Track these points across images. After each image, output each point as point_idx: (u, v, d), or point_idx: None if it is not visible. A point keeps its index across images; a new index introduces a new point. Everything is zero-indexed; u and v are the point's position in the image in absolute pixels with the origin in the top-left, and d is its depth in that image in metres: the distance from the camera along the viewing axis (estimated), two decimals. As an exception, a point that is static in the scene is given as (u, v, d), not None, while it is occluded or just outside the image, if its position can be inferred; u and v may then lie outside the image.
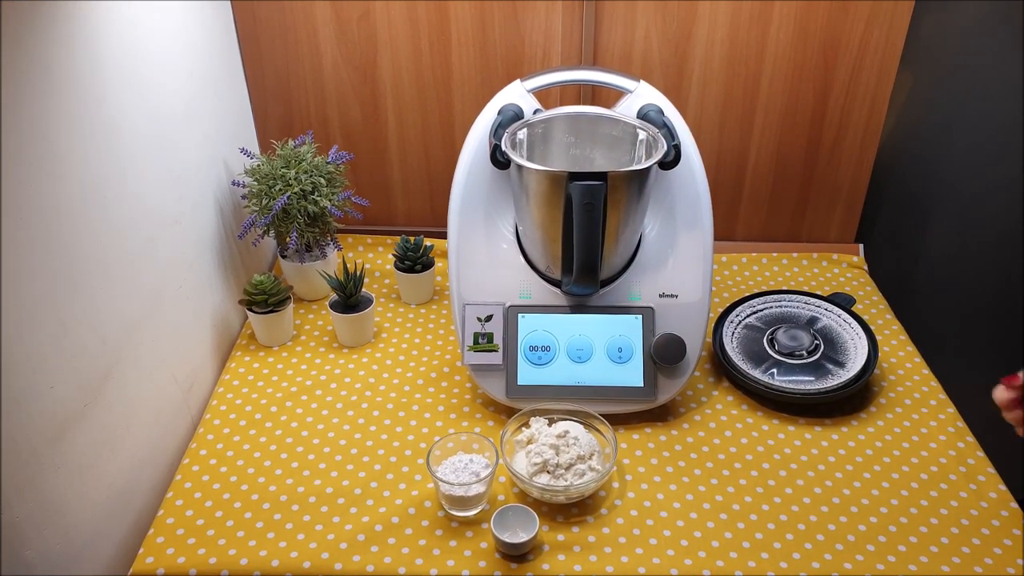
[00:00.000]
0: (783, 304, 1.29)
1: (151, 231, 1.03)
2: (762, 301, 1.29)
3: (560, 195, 1.01)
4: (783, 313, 1.28)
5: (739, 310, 1.28)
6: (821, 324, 1.24)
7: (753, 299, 1.30)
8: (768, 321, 1.26)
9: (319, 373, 1.21)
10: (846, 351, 1.19)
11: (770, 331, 1.22)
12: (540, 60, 1.37)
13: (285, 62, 1.39)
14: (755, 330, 1.25)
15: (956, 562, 0.92)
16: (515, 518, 0.95)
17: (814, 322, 1.25)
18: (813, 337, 1.20)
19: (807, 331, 1.21)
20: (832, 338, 1.22)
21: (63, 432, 0.85)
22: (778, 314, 1.28)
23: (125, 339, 0.96)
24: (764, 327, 1.25)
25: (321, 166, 1.29)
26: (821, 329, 1.23)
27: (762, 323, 1.26)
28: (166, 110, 1.07)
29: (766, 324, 1.25)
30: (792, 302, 1.29)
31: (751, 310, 1.29)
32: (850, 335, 1.22)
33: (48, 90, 0.81)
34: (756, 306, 1.29)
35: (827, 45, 1.34)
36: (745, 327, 1.26)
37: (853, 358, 1.18)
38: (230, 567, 0.92)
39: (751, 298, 1.30)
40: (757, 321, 1.27)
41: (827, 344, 1.20)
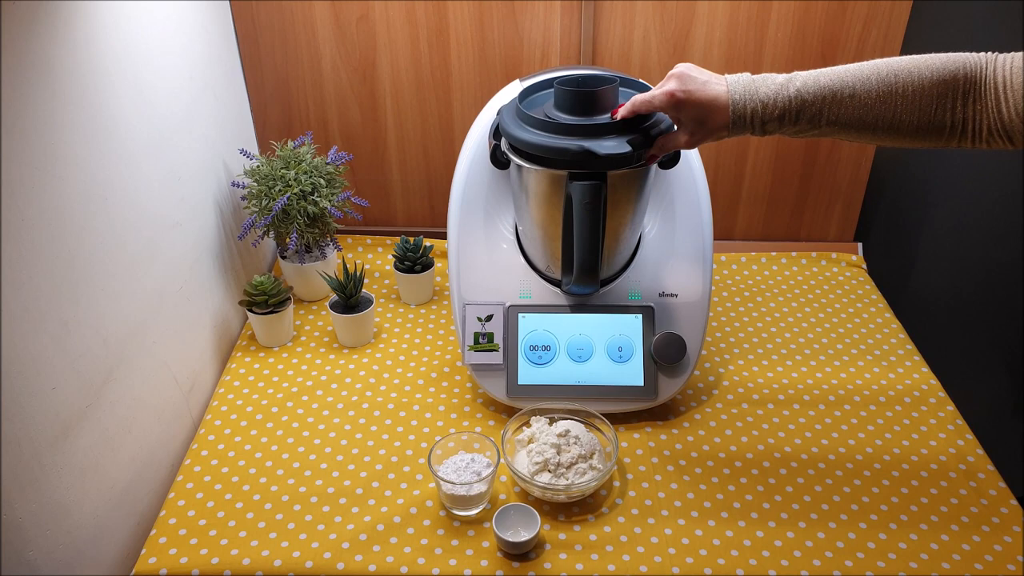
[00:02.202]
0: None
1: (152, 232, 1.03)
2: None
3: (560, 194, 1.01)
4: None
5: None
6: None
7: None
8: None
9: (319, 374, 1.22)
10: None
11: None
12: (539, 60, 1.37)
13: (284, 63, 1.39)
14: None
15: (956, 559, 0.93)
16: (516, 517, 0.95)
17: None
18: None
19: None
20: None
21: (65, 433, 0.85)
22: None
23: (127, 340, 0.97)
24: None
25: (321, 167, 1.29)
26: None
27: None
28: (166, 111, 1.08)
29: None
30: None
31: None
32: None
33: (49, 92, 0.81)
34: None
35: (825, 45, 1.34)
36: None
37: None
38: (232, 567, 0.92)
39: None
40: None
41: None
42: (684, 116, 0.87)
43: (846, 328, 1.32)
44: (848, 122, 0.81)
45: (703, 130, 0.87)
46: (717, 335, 1.30)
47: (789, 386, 1.19)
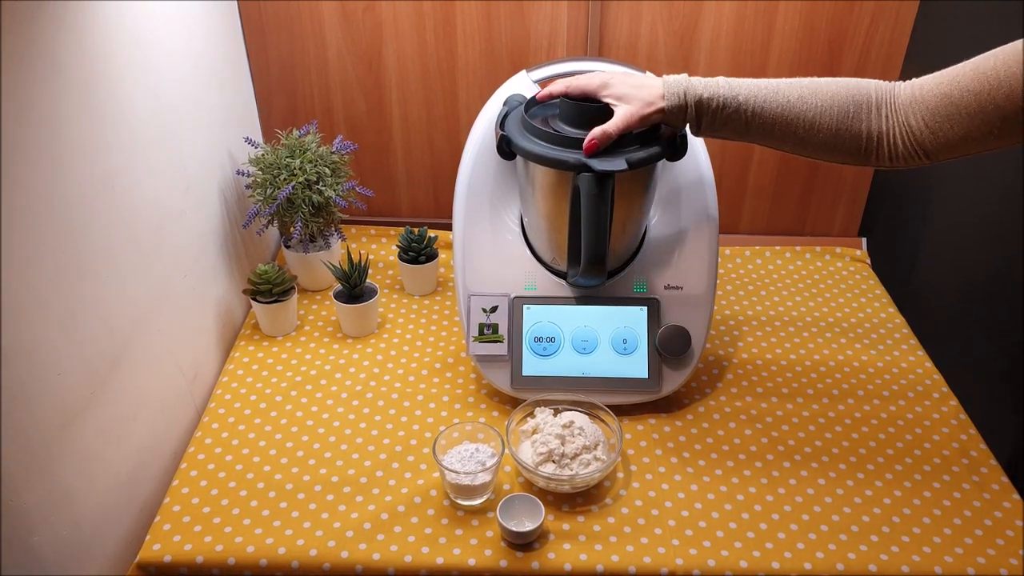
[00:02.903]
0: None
1: (158, 221, 1.03)
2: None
3: (567, 186, 1.01)
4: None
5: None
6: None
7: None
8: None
9: (323, 363, 1.22)
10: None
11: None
12: (545, 52, 1.37)
13: (290, 52, 1.38)
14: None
15: (959, 552, 0.93)
16: (521, 507, 0.95)
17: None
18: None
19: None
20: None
21: (71, 420, 0.85)
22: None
23: (132, 328, 0.96)
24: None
25: (325, 156, 1.29)
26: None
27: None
28: (172, 101, 1.07)
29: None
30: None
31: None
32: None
33: (56, 81, 0.81)
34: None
35: (833, 39, 1.34)
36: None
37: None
38: (236, 555, 0.92)
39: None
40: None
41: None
42: (614, 94, 0.94)
43: (850, 323, 1.32)
44: (770, 115, 0.87)
45: (635, 110, 0.92)
46: (721, 328, 1.30)
47: (793, 380, 1.19)
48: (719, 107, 0.89)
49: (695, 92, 0.90)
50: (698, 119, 0.91)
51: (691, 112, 0.91)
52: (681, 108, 0.91)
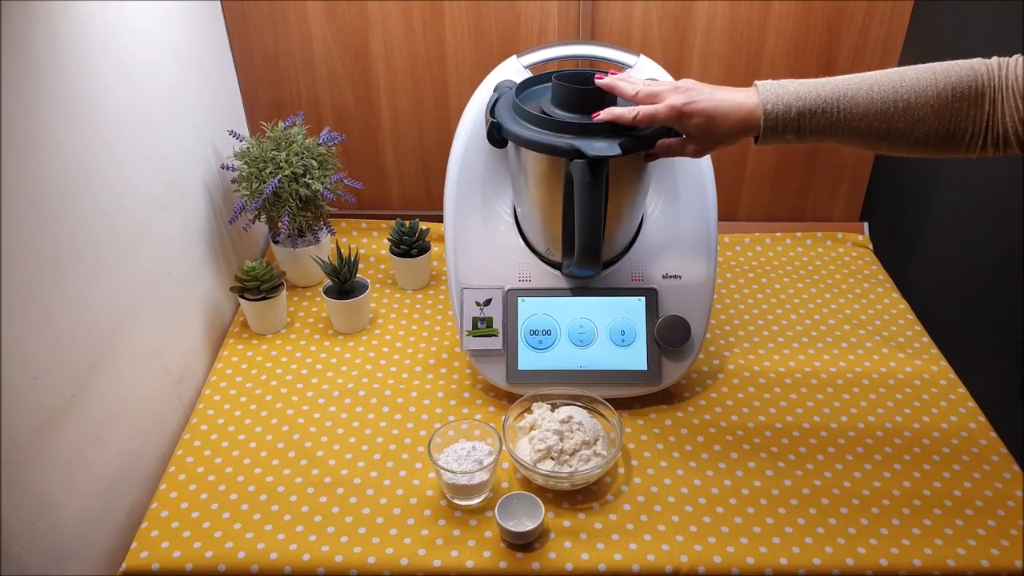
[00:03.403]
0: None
1: (138, 217, 1.00)
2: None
3: (560, 174, 0.98)
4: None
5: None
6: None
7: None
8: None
9: (314, 361, 1.18)
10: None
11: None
12: (536, 36, 1.33)
13: (274, 41, 1.35)
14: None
15: (972, 544, 0.90)
16: (520, 506, 0.92)
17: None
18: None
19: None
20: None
21: (49, 424, 0.82)
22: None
23: (113, 328, 0.93)
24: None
25: (312, 148, 1.25)
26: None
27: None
28: (150, 92, 1.04)
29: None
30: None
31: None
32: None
33: (29, 72, 0.77)
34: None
35: (831, 19, 1.31)
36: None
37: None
38: (227, 560, 0.89)
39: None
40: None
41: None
42: (691, 127, 0.86)
43: (852, 309, 1.29)
44: (871, 116, 0.80)
45: (710, 140, 0.86)
46: (721, 317, 1.27)
47: (796, 369, 1.17)
48: (816, 112, 0.81)
49: (792, 102, 0.82)
50: (798, 127, 0.83)
51: (790, 122, 0.82)
52: (777, 120, 0.83)
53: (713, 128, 0.85)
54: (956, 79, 0.77)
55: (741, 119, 0.83)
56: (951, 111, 0.77)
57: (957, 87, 0.77)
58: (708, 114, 0.84)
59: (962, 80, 0.77)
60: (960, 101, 0.77)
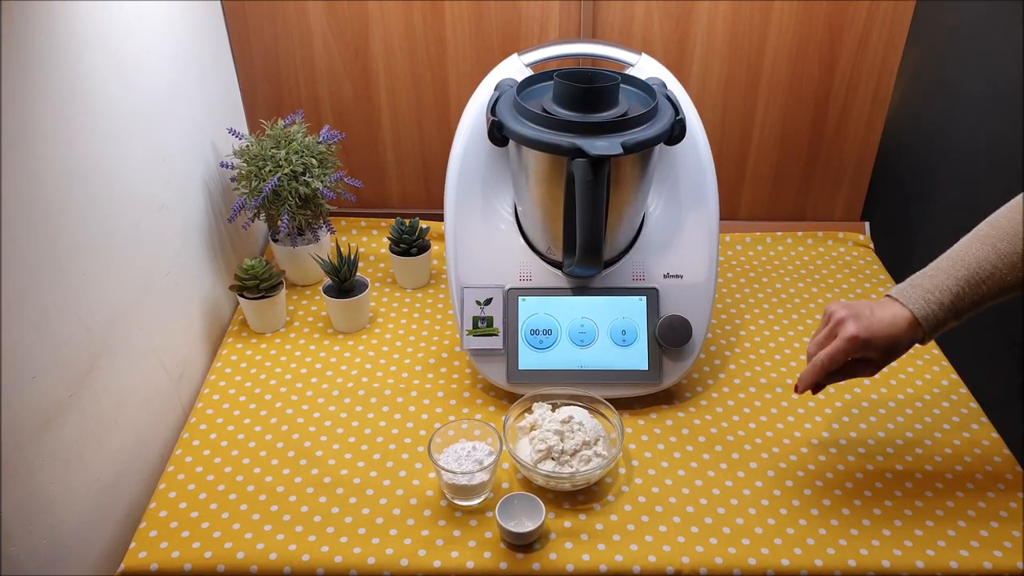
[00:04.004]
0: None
1: (137, 215, 0.99)
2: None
3: (561, 173, 0.98)
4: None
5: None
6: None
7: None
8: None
9: (314, 360, 1.18)
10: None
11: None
12: (537, 35, 1.33)
13: (273, 39, 1.34)
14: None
15: (974, 546, 0.90)
16: (520, 506, 0.92)
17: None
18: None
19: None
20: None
21: (48, 423, 0.81)
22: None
23: (112, 327, 0.93)
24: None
25: (312, 146, 1.25)
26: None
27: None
28: (149, 89, 1.03)
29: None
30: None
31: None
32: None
33: (27, 69, 0.77)
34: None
35: (833, 17, 1.30)
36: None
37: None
38: (226, 561, 0.89)
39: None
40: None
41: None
42: (871, 354, 0.87)
43: (854, 309, 1.29)
44: (1011, 269, 0.82)
45: (892, 355, 0.88)
46: (722, 317, 1.27)
47: (797, 369, 1.16)
48: (963, 296, 0.84)
49: (944, 306, 0.84)
50: (957, 315, 0.86)
51: (948, 322, 0.86)
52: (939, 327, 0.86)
53: (895, 345, 0.86)
54: None
55: (910, 333, 0.85)
56: None
57: None
58: (888, 336, 0.86)
59: None
60: None
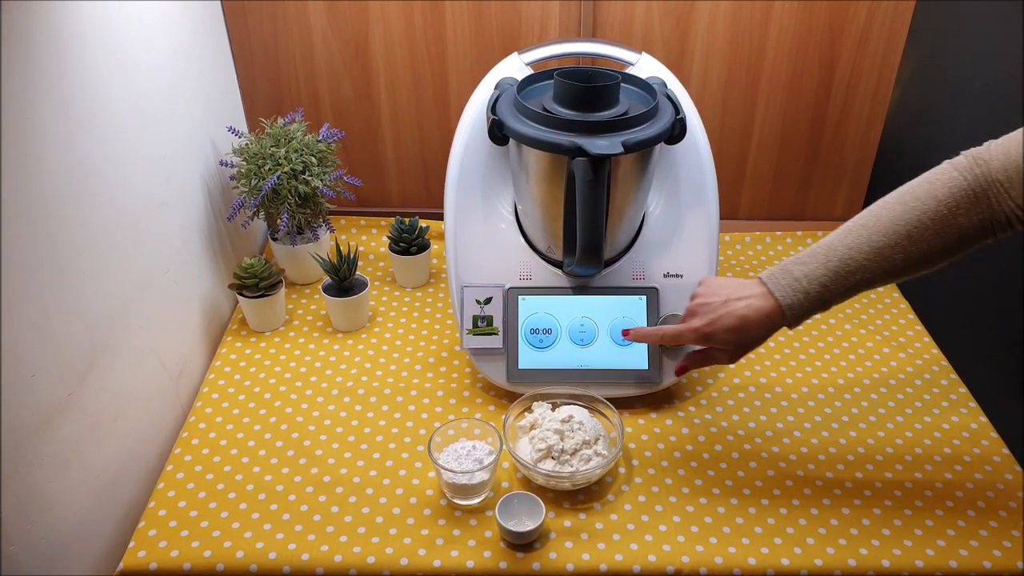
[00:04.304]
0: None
1: (136, 214, 0.99)
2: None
3: (561, 172, 0.98)
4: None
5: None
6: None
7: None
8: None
9: (313, 359, 1.18)
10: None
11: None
12: (537, 34, 1.33)
13: (273, 37, 1.34)
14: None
15: (974, 545, 0.90)
16: (520, 506, 0.92)
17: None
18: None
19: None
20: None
21: (47, 422, 0.81)
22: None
23: (111, 326, 0.92)
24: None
25: (312, 144, 1.24)
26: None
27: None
28: (149, 87, 1.03)
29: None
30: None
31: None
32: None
33: (26, 67, 0.77)
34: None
35: (833, 17, 1.30)
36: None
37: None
38: (225, 560, 0.88)
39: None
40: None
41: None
42: (718, 343, 0.89)
43: (853, 308, 1.29)
44: (883, 261, 0.82)
45: (743, 348, 0.89)
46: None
47: (797, 368, 1.16)
48: (831, 285, 0.84)
49: (810, 294, 0.84)
50: (823, 303, 0.85)
51: (814, 309, 0.85)
52: (803, 313, 0.85)
53: (743, 337, 0.87)
54: (944, 196, 0.78)
55: (767, 323, 0.86)
56: (954, 224, 0.79)
57: (949, 203, 0.78)
58: (734, 329, 0.87)
59: (949, 195, 0.78)
60: (956, 213, 0.78)
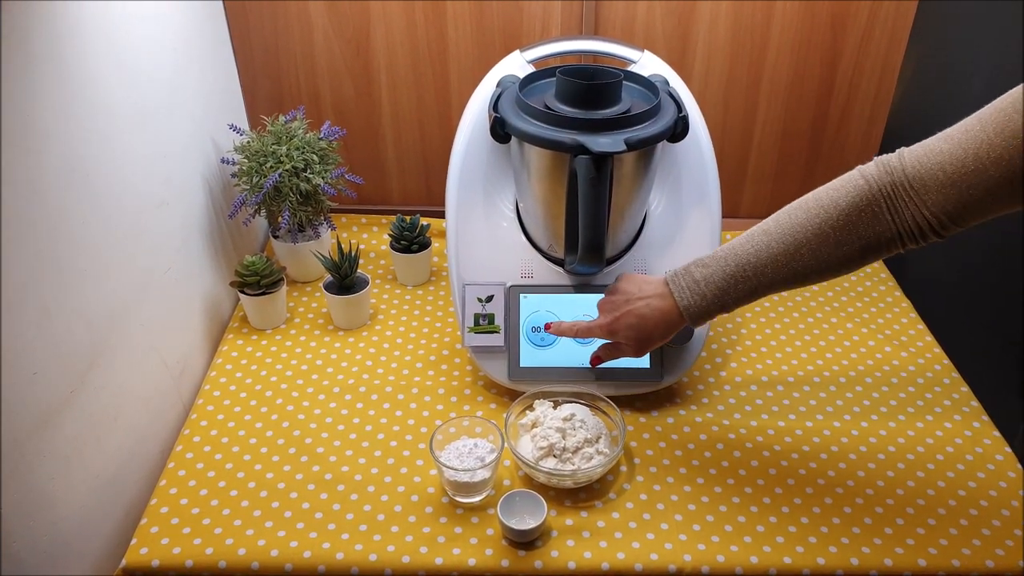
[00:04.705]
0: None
1: (137, 211, 0.99)
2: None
3: (563, 170, 0.98)
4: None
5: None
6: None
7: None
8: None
9: (314, 357, 1.18)
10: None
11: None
12: (539, 31, 1.32)
13: (274, 35, 1.34)
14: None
15: (976, 544, 0.90)
16: (522, 504, 0.92)
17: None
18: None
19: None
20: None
21: (48, 420, 0.81)
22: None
23: (112, 324, 0.92)
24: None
25: (313, 142, 1.24)
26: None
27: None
28: (149, 85, 1.03)
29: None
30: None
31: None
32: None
33: (27, 66, 0.76)
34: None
35: (835, 15, 1.30)
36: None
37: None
38: (227, 557, 0.88)
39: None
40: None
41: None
42: (622, 339, 0.94)
43: (855, 307, 1.29)
44: (782, 268, 0.82)
45: (648, 343, 0.93)
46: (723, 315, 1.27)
47: (799, 367, 1.16)
48: (730, 289, 0.85)
49: (710, 296, 0.86)
50: (722, 306, 0.87)
51: (713, 312, 0.88)
52: (704, 313, 0.88)
53: (643, 334, 0.92)
54: (847, 205, 0.78)
55: (665, 322, 0.90)
56: (855, 234, 0.78)
57: (851, 212, 0.78)
58: (634, 327, 0.91)
59: (852, 204, 0.78)
60: (859, 222, 0.78)
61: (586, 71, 1.01)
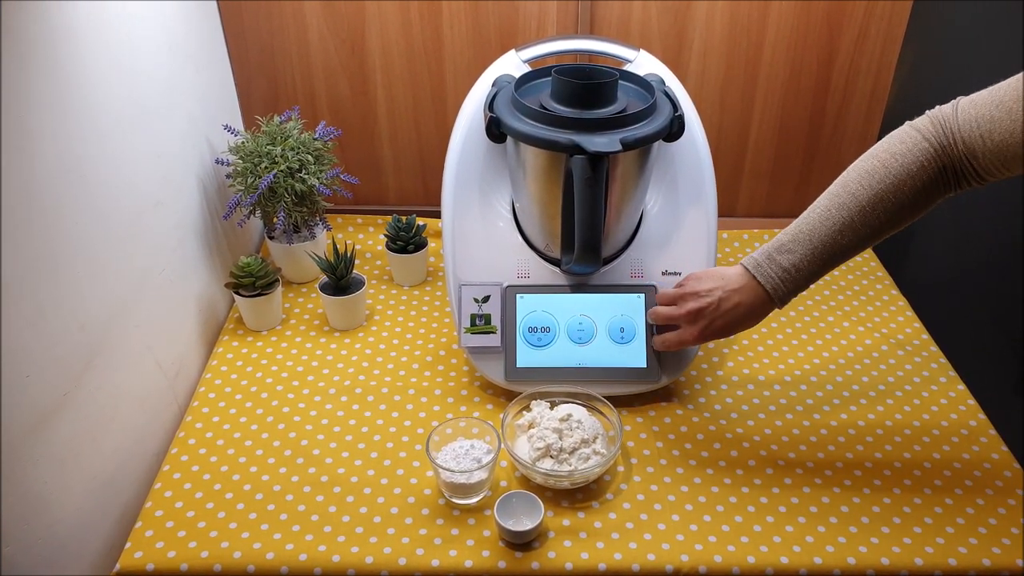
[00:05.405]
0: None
1: (132, 212, 0.98)
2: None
3: (559, 169, 0.97)
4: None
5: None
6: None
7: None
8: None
9: (310, 358, 1.17)
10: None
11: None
12: (535, 30, 1.32)
13: (269, 34, 1.33)
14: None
15: (973, 543, 0.90)
16: (519, 505, 0.92)
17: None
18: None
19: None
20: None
21: (42, 422, 0.81)
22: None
23: (107, 325, 0.92)
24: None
25: (308, 143, 1.24)
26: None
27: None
28: (144, 85, 1.02)
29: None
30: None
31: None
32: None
33: (22, 65, 0.76)
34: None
35: (831, 13, 1.30)
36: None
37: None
38: (223, 561, 0.88)
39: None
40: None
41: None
42: (712, 340, 0.98)
43: (851, 306, 1.29)
44: (859, 230, 0.87)
45: (735, 333, 0.97)
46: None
47: (796, 367, 1.16)
48: (815, 265, 0.90)
49: (793, 284, 0.91)
50: (809, 280, 0.92)
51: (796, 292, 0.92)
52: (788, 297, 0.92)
53: (734, 331, 0.96)
54: (917, 170, 0.83)
55: (756, 314, 0.93)
56: (925, 193, 0.84)
57: (920, 175, 0.83)
58: (726, 327, 0.95)
59: (921, 167, 0.83)
60: (929, 183, 0.83)
61: (582, 71, 1.01)
